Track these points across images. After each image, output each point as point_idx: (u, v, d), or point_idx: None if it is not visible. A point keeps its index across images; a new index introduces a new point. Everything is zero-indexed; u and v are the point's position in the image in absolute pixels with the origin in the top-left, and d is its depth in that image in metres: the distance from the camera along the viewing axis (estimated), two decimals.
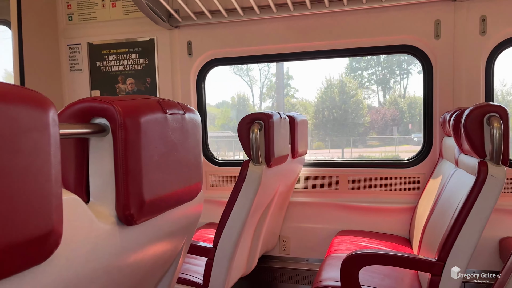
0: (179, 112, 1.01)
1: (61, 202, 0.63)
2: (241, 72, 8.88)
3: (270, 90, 10.54)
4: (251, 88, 9.60)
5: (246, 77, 9.76)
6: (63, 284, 0.69)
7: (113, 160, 0.81)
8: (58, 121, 0.64)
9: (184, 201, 1.08)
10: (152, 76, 3.36)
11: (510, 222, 2.66)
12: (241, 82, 10.04)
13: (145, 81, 3.38)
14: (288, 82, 10.11)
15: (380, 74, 9.05)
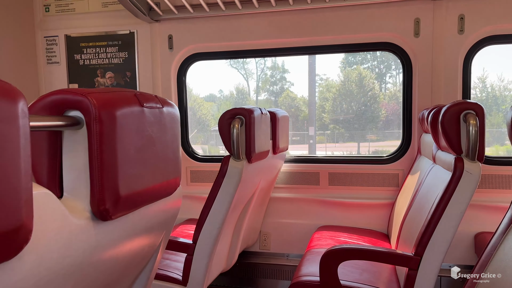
0: (157, 106, 0.99)
1: (31, 196, 0.61)
2: (238, 65, 8.72)
3: (265, 84, 10.42)
4: (247, 82, 9.43)
5: (242, 70, 9.59)
6: (34, 281, 0.67)
7: (88, 154, 0.79)
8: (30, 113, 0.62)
9: (162, 196, 1.06)
10: (132, 70, 3.31)
11: (485, 217, 2.73)
12: (237, 75, 9.81)
13: (125, 75, 3.32)
14: (284, 76, 9.95)
15: (375, 69, 8.95)
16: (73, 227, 0.76)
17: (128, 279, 1.14)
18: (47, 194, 0.69)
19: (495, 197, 2.76)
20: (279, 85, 10.23)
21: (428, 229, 1.72)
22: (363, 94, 9.72)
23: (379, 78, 8.34)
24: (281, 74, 9.60)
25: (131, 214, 0.93)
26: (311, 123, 9.19)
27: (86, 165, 0.79)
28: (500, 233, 1.11)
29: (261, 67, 10.11)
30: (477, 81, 7.22)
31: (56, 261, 0.71)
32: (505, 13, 2.69)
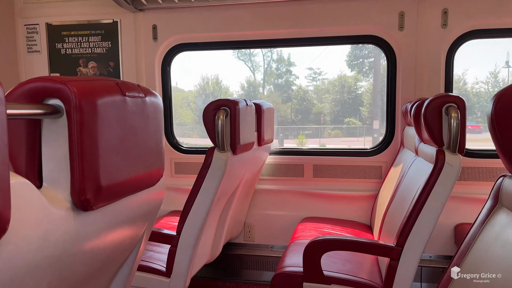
0: (139, 95, 0.97)
1: (8, 186, 0.59)
2: (245, 57, 8.47)
3: (270, 77, 10.19)
4: (254, 74, 9.15)
5: (249, 62, 9.29)
6: (12, 272, 0.66)
7: (68, 143, 0.78)
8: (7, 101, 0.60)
9: (145, 187, 1.05)
10: (115, 60, 3.25)
11: (465, 209, 2.78)
12: (244, 68, 9.46)
13: (108, 65, 3.27)
14: (290, 69, 9.68)
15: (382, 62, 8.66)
16: (53, 217, 0.74)
17: (110, 270, 1.13)
18: (25, 183, 0.68)
19: (475, 189, 2.82)
20: (284, 78, 9.94)
21: (409, 220, 1.75)
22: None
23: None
24: (287, 67, 9.32)
25: (112, 204, 0.92)
26: (375, 117, 8.85)
27: (66, 154, 0.78)
28: (479, 224, 1.13)
29: (267, 60, 9.76)
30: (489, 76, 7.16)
31: (34, 252, 0.70)
32: (488, 8, 2.72)
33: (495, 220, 1.08)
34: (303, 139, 9.49)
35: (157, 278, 2.05)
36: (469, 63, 7.41)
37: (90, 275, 0.98)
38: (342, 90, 10.15)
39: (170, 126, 3.30)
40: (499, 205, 1.09)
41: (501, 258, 0.98)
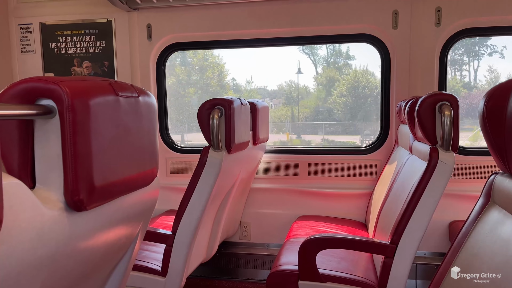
0: (133, 95, 0.97)
1: (1, 187, 0.59)
2: (309, 50, 7.97)
3: (330, 71, 9.58)
4: (316, 69, 8.54)
5: (312, 56, 8.66)
6: (5, 272, 0.66)
7: (61, 144, 0.78)
8: None
9: (139, 187, 1.05)
10: (110, 60, 3.25)
11: (459, 206, 2.80)
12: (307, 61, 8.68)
13: (103, 64, 3.26)
14: (349, 63, 9.07)
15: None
16: (46, 217, 0.74)
17: (104, 270, 1.13)
18: (17, 184, 0.68)
19: (468, 186, 2.84)
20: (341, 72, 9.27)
21: (403, 218, 1.76)
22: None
23: (454, 66, 7.48)
24: (345, 60, 8.63)
25: (106, 204, 0.92)
26: None
27: (59, 155, 0.78)
28: (471, 221, 1.14)
29: (331, 53, 9.01)
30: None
31: (28, 252, 0.70)
32: (481, 6, 2.74)
33: (487, 217, 1.09)
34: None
35: (153, 278, 2.05)
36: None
37: (85, 275, 0.99)
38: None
39: (165, 125, 3.29)
40: (491, 202, 1.10)
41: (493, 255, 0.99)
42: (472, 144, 4.50)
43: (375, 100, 5.52)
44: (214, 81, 6.68)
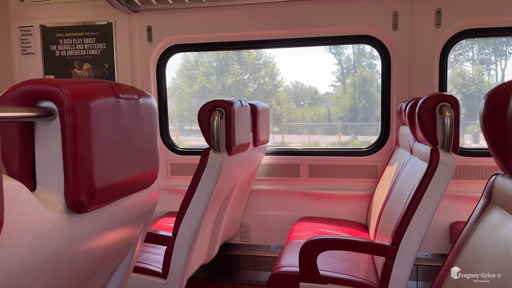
0: (133, 97, 0.98)
1: (1, 189, 0.59)
2: (336, 50, 7.83)
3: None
4: (342, 69, 8.36)
5: (338, 56, 8.47)
6: (6, 275, 0.66)
7: (61, 146, 0.78)
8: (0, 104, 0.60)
9: (139, 189, 1.05)
10: (110, 62, 3.25)
11: (460, 207, 2.80)
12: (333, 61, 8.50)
13: (103, 66, 3.26)
14: (374, 62, 8.83)
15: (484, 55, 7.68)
16: (46, 220, 0.74)
17: (105, 273, 1.13)
18: (18, 186, 0.68)
19: (470, 187, 2.84)
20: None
21: (404, 219, 1.75)
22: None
23: (485, 64, 7.33)
24: (369, 60, 8.45)
25: (107, 206, 0.92)
26: None
27: (60, 157, 0.78)
28: (472, 223, 1.14)
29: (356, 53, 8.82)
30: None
31: (28, 255, 0.70)
32: (481, 7, 2.74)
33: (488, 218, 1.09)
34: None
35: (154, 280, 2.04)
36: None
37: (85, 277, 0.98)
38: None
39: (165, 127, 3.29)
40: (491, 203, 1.10)
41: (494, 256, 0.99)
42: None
43: None
44: (266, 79, 6.66)
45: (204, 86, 5.27)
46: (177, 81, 5.46)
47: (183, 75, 5.80)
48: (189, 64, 5.53)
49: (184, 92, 5.65)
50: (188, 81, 5.56)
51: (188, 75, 5.31)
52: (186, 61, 5.28)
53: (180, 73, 5.66)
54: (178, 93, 5.66)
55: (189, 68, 5.42)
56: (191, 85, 5.85)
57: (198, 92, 5.86)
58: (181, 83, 5.68)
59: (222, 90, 6.23)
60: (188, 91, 5.88)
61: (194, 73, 5.83)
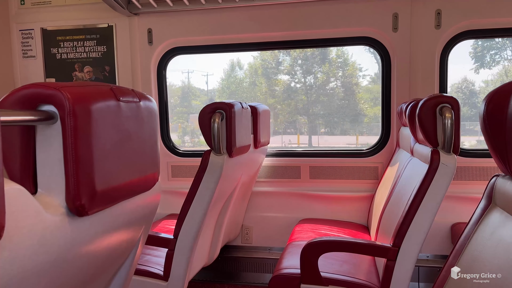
0: (134, 100, 0.98)
1: (2, 193, 0.59)
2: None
3: None
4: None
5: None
6: (7, 278, 0.66)
7: (62, 149, 0.78)
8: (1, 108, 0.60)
9: (140, 191, 1.06)
10: (111, 64, 3.26)
11: (461, 208, 2.79)
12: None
13: (104, 69, 3.27)
14: None
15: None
16: (48, 223, 0.75)
17: (106, 275, 1.13)
18: (20, 190, 0.68)
19: (470, 188, 2.84)
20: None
21: (405, 220, 1.75)
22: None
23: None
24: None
25: (108, 209, 0.92)
26: None
27: (61, 160, 0.78)
28: (473, 224, 1.14)
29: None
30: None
31: (29, 258, 0.70)
32: (481, 8, 2.74)
33: (489, 219, 1.09)
34: None
35: (155, 282, 2.04)
36: None
37: (87, 280, 0.99)
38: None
39: (166, 130, 3.30)
40: (492, 204, 1.10)
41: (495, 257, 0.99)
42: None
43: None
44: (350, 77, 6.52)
45: (289, 86, 5.13)
46: (249, 80, 5.32)
47: (256, 74, 5.61)
48: (266, 63, 5.37)
49: (260, 91, 5.49)
50: (267, 80, 5.39)
51: (266, 74, 5.14)
52: (262, 60, 5.12)
53: (252, 72, 5.46)
54: (254, 92, 5.51)
55: (268, 67, 5.27)
56: (270, 85, 5.61)
57: (283, 92, 5.59)
58: (256, 82, 5.51)
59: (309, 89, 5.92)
60: (264, 90, 5.68)
61: (273, 71, 5.59)
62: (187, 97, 6.24)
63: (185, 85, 5.61)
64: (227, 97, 5.09)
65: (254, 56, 5.23)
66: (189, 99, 6.12)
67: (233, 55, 5.56)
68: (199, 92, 6.09)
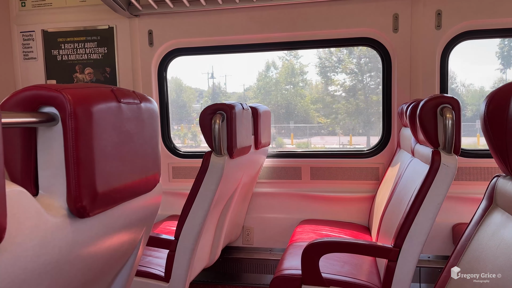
0: (135, 101, 0.98)
1: (4, 195, 0.60)
2: None
3: None
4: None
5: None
6: (9, 280, 0.66)
7: (64, 151, 0.78)
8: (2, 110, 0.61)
9: (141, 193, 1.06)
10: (111, 66, 3.26)
11: (462, 208, 2.79)
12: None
13: (105, 70, 3.27)
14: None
15: None
16: (49, 225, 0.75)
17: (108, 276, 1.13)
18: (21, 192, 0.68)
19: (471, 189, 2.83)
20: None
21: (406, 221, 1.75)
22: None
23: None
24: None
25: (109, 210, 0.93)
26: None
27: (62, 162, 0.78)
28: (474, 224, 1.14)
29: None
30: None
31: (31, 259, 0.70)
32: (481, 9, 2.74)
33: (490, 220, 1.09)
34: None
35: (156, 283, 2.04)
36: None
37: (88, 281, 0.99)
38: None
39: (167, 131, 3.30)
40: (493, 205, 1.10)
41: (497, 258, 0.99)
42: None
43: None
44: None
45: (353, 84, 5.01)
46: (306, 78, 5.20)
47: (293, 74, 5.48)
48: (326, 60, 5.26)
49: (316, 89, 5.38)
50: (323, 79, 5.26)
51: (323, 72, 5.01)
52: (319, 57, 5.01)
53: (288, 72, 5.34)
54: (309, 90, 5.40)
55: (326, 66, 5.15)
56: (326, 83, 5.46)
57: (347, 90, 5.38)
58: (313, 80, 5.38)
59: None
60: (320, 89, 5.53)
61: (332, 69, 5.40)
62: (216, 100, 6.18)
63: (218, 87, 5.46)
64: (263, 99, 5.05)
65: (279, 56, 5.12)
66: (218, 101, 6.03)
67: (266, 55, 5.41)
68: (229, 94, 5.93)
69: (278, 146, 4.83)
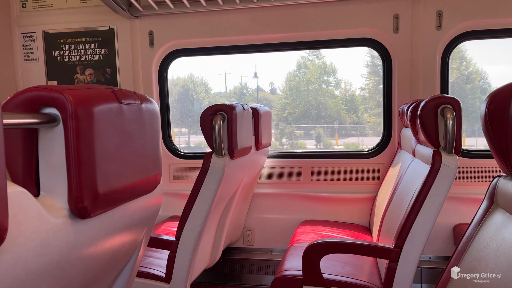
0: (136, 102, 0.98)
1: (5, 195, 0.60)
2: None
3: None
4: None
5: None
6: (10, 280, 0.66)
7: (65, 151, 0.78)
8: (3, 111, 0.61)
9: (142, 193, 1.06)
10: (112, 67, 3.26)
11: (463, 209, 2.79)
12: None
13: (105, 71, 3.28)
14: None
15: None
16: (50, 225, 0.75)
17: (109, 277, 1.13)
18: (22, 192, 0.68)
19: (472, 189, 2.83)
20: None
21: (407, 221, 1.75)
22: None
23: None
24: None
25: (110, 211, 0.93)
26: None
27: (63, 162, 0.79)
28: (475, 225, 1.14)
29: None
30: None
31: (32, 260, 0.71)
32: (482, 9, 2.74)
33: (491, 220, 1.09)
34: None
35: (157, 284, 2.04)
36: None
37: (89, 281, 0.99)
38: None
39: (168, 132, 3.30)
40: (494, 205, 1.10)
41: (498, 258, 0.99)
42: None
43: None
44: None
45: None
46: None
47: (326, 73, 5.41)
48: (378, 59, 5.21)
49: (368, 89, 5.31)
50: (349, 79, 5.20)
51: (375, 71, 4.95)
52: (371, 56, 4.98)
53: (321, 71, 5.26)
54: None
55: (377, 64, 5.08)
56: (351, 83, 5.38)
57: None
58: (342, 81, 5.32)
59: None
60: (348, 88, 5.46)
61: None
62: (242, 101, 6.15)
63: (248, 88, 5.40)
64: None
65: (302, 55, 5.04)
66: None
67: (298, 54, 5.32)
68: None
69: (326, 146, 4.78)
